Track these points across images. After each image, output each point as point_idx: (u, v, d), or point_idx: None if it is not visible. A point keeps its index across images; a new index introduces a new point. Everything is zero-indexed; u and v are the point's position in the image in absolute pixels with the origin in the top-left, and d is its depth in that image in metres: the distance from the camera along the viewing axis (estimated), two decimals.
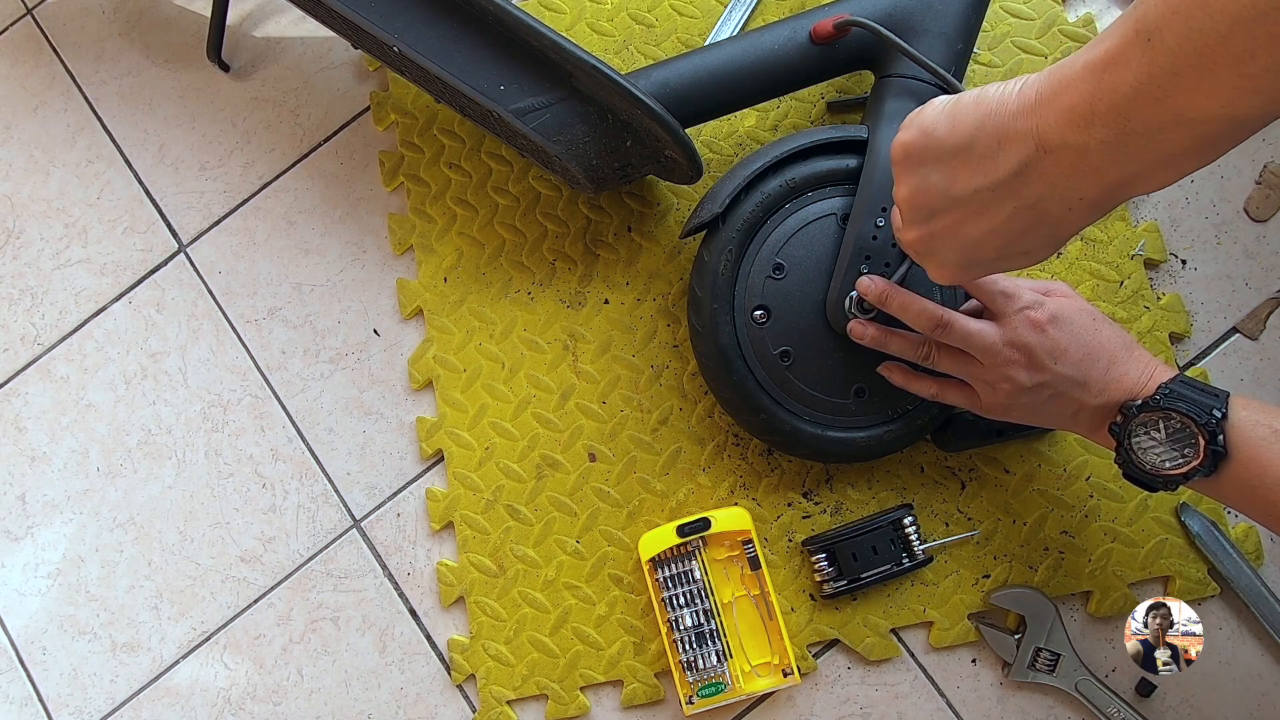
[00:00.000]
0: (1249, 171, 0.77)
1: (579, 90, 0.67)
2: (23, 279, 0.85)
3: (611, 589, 0.75)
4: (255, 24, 0.87)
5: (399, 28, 0.67)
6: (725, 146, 0.79)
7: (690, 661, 0.71)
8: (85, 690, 0.78)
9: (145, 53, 0.88)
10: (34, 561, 0.80)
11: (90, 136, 0.86)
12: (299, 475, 0.79)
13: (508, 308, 0.79)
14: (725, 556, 0.73)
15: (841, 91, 0.79)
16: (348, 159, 0.84)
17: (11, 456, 0.82)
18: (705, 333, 0.69)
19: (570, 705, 0.73)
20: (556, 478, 0.76)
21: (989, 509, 0.73)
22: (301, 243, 0.83)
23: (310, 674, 0.77)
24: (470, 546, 0.76)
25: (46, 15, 0.89)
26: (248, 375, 0.81)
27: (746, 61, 0.68)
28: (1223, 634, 0.71)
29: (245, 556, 0.79)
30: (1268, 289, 0.75)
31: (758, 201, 0.68)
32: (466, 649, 0.75)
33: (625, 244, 0.79)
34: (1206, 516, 0.71)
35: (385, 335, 0.81)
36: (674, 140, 0.66)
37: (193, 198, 0.84)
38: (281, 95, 0.85)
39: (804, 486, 0.75)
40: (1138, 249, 0.76)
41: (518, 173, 0.81)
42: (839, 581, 0.71)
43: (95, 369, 0.82)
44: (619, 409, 0.77)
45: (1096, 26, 0.79)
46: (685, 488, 0.75)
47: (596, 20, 0.82)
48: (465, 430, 0.77)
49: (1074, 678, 0.70)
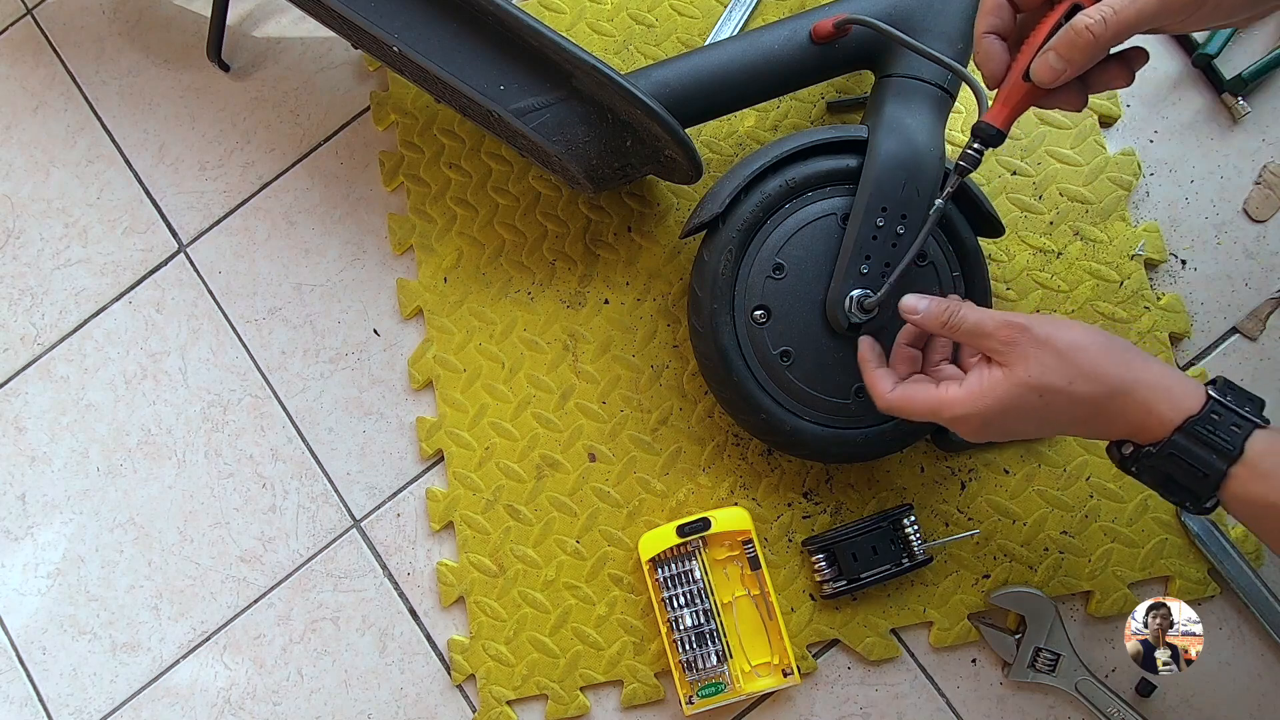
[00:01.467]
0: (1249, 171, 0.77)
1: (579, 90, 0.67)
2: (23, 279, 0.85)
3: (611, 589, 0.75)
4: (255, 24, 0.87)
5: (399, 28, 0.67)
6: (725, 146, 0.79)
7: (690, 661, 0.71)
8: (85, 690, 0.78)
9: (145, 53, 0.88)
10: (34, 561, 0.80)
11: (90, 136, 0.86)
12: (299, 475, 0.79)
13: (508, 308, 0.79)
14: (725, 556, 0.73)
15: (841, 91, 0.79)
16: (348, 159, 0.84)
17: (11, 456, 0.82)
18: (705, 333, 0.69)
19: (570, 705, 0.73)
20: (556, 478, 0.76)
21: (989, 509, 0.73)
22: (301, 243, 0.83)
23: (310, 674, 0.77)
24: (470, 546, 0.76)
25: (46, 15, 0.89)
26: (248, 375, 0.81)
27: (746, 61, 0.68)
28: (1223, 634, 0.71)
29: (245, 556, 0.79)
30: (1268, 289, 0.75)
31: (758, 201, 0.68)
32: (466, 649, 0.75)
33: (625, 244, 0.79)
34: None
35: (385, 335, 0.81)
36: (674, 140, 0.66)
37: (193, 198, 0.84)
38: (281, 95, 0.85)
39: (804, 486, 0.75)
40: (1138, 249, 0.76)
41: (518, 173, 0.81)
42: (839, 581, 0.71)
43: (95, 369, 0.82)
44: (619, 409, 0.77)
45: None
46: (685, 488, 0.75)
47: (596, 20, 0.82)
48: (465, 430, 0.77)
49: (1074, 678, 0.70)
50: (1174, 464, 0.52)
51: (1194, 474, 0.51)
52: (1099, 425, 0.54)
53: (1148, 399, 0.52)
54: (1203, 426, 0.51)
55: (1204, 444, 0.51)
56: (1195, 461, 0.51)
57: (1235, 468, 0.50)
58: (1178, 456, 0.51)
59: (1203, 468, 0.51)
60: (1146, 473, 0.53)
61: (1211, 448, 0.51)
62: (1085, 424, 0.54)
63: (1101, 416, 0.53)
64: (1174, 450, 0.51)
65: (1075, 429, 0.55)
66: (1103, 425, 0.54)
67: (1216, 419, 0.51)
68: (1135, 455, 0.53)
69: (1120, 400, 0.52)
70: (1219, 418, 0.51)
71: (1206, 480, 0.51)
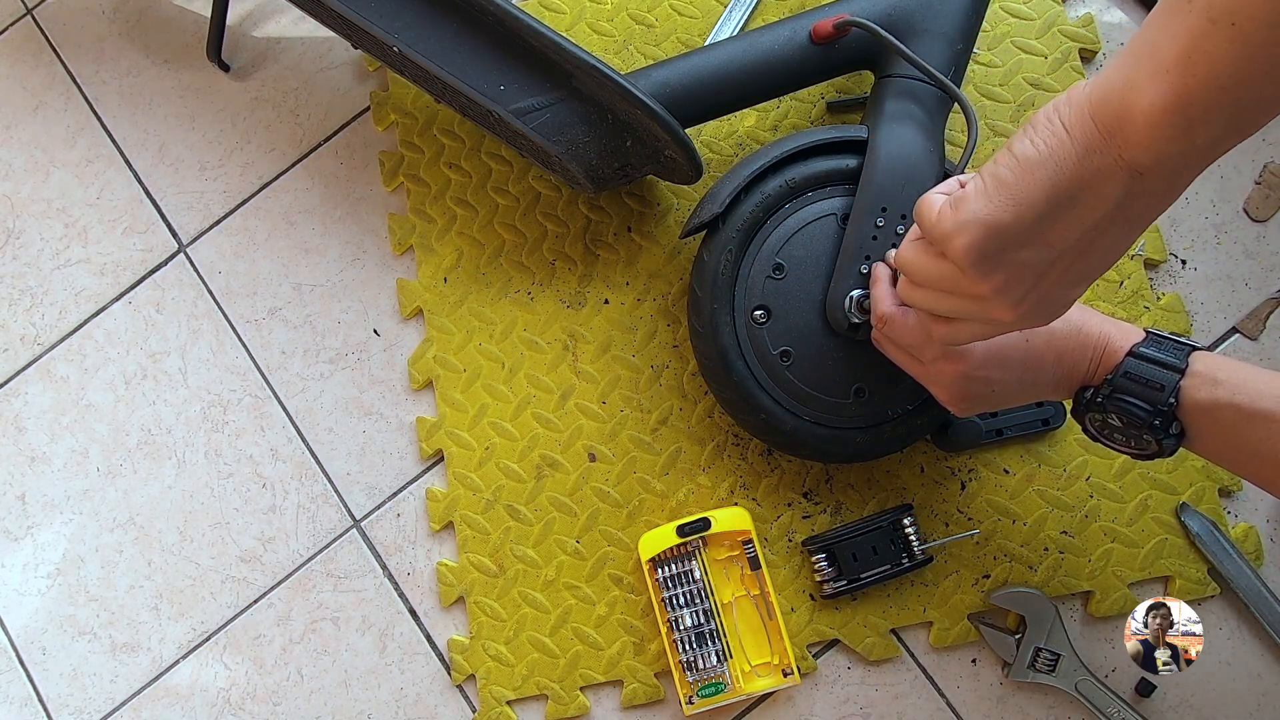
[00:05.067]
0: (1249, 171, 0.77)
1: (579, 90, 0.67)
2: (23, 279, 0.85)
3: (611, 589, 0.75)
4: (255, 24, 0.87)
5: (399, 28, 0.67)
6: (725, 146, 0.79)
7: (690, 661, 0.71)
8: (85, 690, 0.78)
9: (145, 53, 0.88)
10: (34, 561, 0.80)
11: (90, 136, 0.86)
12: (299, 475, 0.79)
13: (508, 308, 0.79)
14: (725, 556, 0.73)
15: (841, 91, 0.79)
16: (348, 159, 0.84)
17: (11, 456, 0.82)
18: (705, 333, 0.69)
19: (570, 705, 0.73)
20: (556, 478, 0.76)
21: (989, 509, 0.73)
22: (301, 243, 0.83)
23: (310, 674, 0.77)
24: (470, 546, 0.76)
25: (46, 15, 0.89)
26: (248, 375, 0.81)
27: (746, 61, 0.68)
28: (1223, 634, 0.71)
29: (245, 556, 0.79)
30: (1268, 289, 0.75)
31: (758, 201, 0.68)
32: (466, 649, 0.75)
33: (625, 244, 0.79)
34: (1206, 517, 0.71)
35: (385, 335, 0.81)
36: (674, 140, 0.66)
37: (193, 198, 0.84)
38: (281, 95, 0.85)
39: (804, 486, 0.75)
40: (1138, 249, 0.76)
41: (518, 173, 0.81)
42: (839, 581, 0.71)
43: (95, 369, 0.82)
44: (619, 409, 0.77)
45: (1096, 26, 0.79)
46: (685, 488, 0.75)
47: (596, 20, 0.82)
48: (465, 430, 0.77)
49: (1074, 678, 0.70)
50: (1131, 386, 0.55)
51: (1149, 391, 0.54)
52: (1066, 364, 0.58)
53: (1104, 330, 0.57)
54: (1149, 348, 0.55)
55: (1153, 362, 0.55)
56: (1150, 376, 0.54)
57: (1186, 380, 0.54)
58: (1132, 377, 0.55)
59: (1158, 380, 0.54)
60: (1108, 404, 0.56)
61: (1161, 364, 0.54)
62: (1059, 363, 0.58)
63: (1072, 353, 0.57)
64: (1129, 371, 0.55)
65: (1051, 376, 0.58)
66: (1069, 364, 0.58)
67: (1160, 343, 0.56)
68: (1095, 393, 0.57)
69: (1084, 335, 0.57)
70: (1161, 343, 0.56)
71: (1161, 392, 0.54)
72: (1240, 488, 0.73)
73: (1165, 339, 0.56)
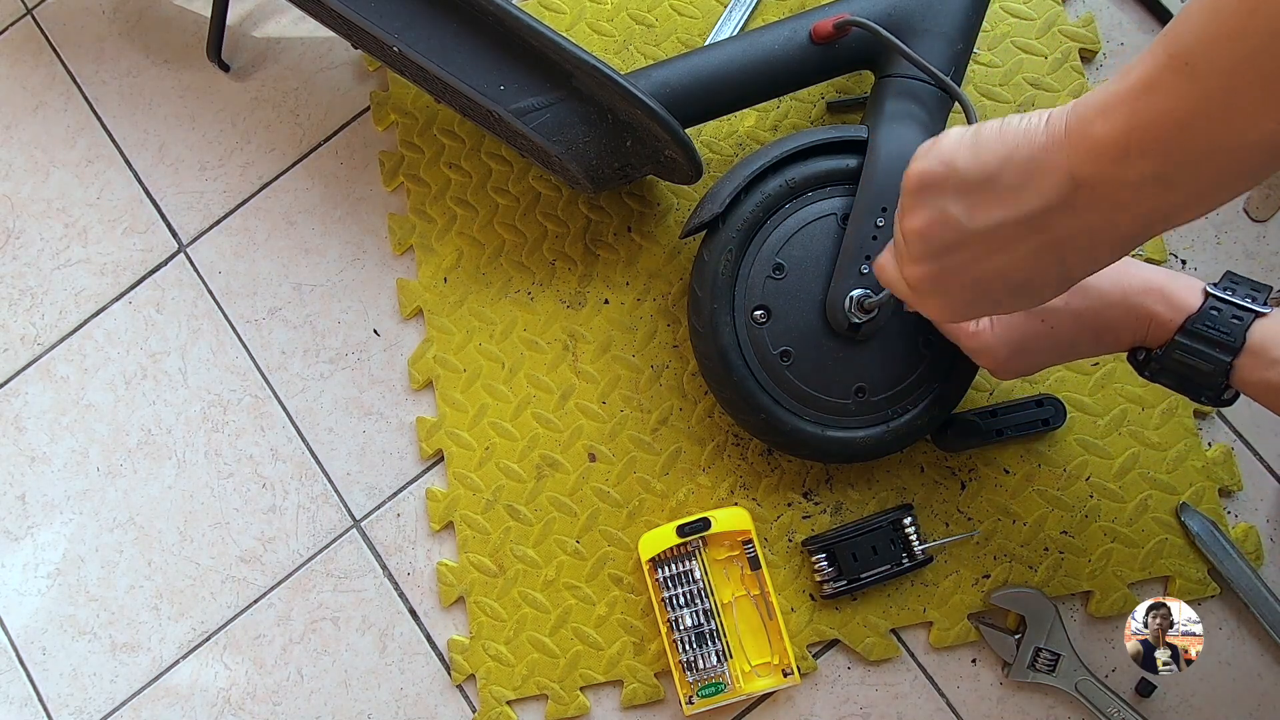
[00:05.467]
0: None
1: (579, 90, 0.67)
2: (23, 279, 0.85)
3: (611, 589, 0.75)
4: (255, 24, 0.87)
5: (399, 28, 0.67)
6: (725, 146, 0.79)
7: (690, 661, 0.71)
8: (85, 690, 0.78)
9: (145, 53, 0.88)
10: (34, 561, 0.80)
11: (90, 136, 0.86)
12: (299, 475, 0.79)
13: (508, 308, 0.79)
14: (725, 556, 0.73)
15: (841, 91, 0.79)
16: (348, 159, 0.84)
17: (11, 456, 0.82)
18: (705, 333, 0.69)
19: (570, 705, 0.73)
20: (556, 478, 0.76)
21: (989, 509, 0.73)
22: (301, 243, 0.83)
23: (310, 674, 0.77)
24: (470, 546, 0.76)
25: (46, 15, 0.89)
26: (248, 375, 0.81)
27: (746, 61, 0.68)
28: (1223, 634, 0.71)
29: (245, 556, 0.79)
30: None
31: (758, 201, 0.68)
32: (466, 649, 0.75)
33: (625, 244, 0.79)
34: (1206, 516, 0.71)
35: (385, 335, 0.81)
36: (674, 140, 0.66)
37: (193, 198, 0.84)
38: (281, 95, 0.85)
39: (804, 486, 0.75)
40: (1138, 249, 0.76)
41: (518, 173, 0.81)
42: (839, 581, 0.71)
43: (95, 369, 0.82)
44: (619, 409, 0.77)
45: (1096, 26, 0.79)
46: (685, 488, 0.75)
47: (596, 20, 0.82)
48: (465, 430, 0.77)
49: (1074, 678, 0.70)
50: (1181, 362, 0.54)
51: (1201, 370, 0.54)
52: (1108, 339, 0.57)
53: (1146, 304, 0.55)
54: (1203, 324, 0.54)
55: (1205, 340, 0.53)
56: (1200, 357, 0.53)
57: (1240, 359, 0.52)
58: (1183, 355, 0.54)
59: (1208, 361, 0.53)
60: (1161, 374, 0.56)
61: (1213, 343, 0.53)
62: (1097, 338, 0.57)
63: (1108, 330, 0.56)
64: (1179, 349, 0.54)
65: (1091, 347, 0.58)
66: (1111, 339, 0.57)
67: (1216, 314, 0.53)
68: (1148, 359, 0.56)
69: (1119, 310, 0.56)
70: (1218, 313, 0.53)
71: (1213, 373, 0.53)
72: (1240, 488, 0.73)
73: (1225, 303, 0.53)
